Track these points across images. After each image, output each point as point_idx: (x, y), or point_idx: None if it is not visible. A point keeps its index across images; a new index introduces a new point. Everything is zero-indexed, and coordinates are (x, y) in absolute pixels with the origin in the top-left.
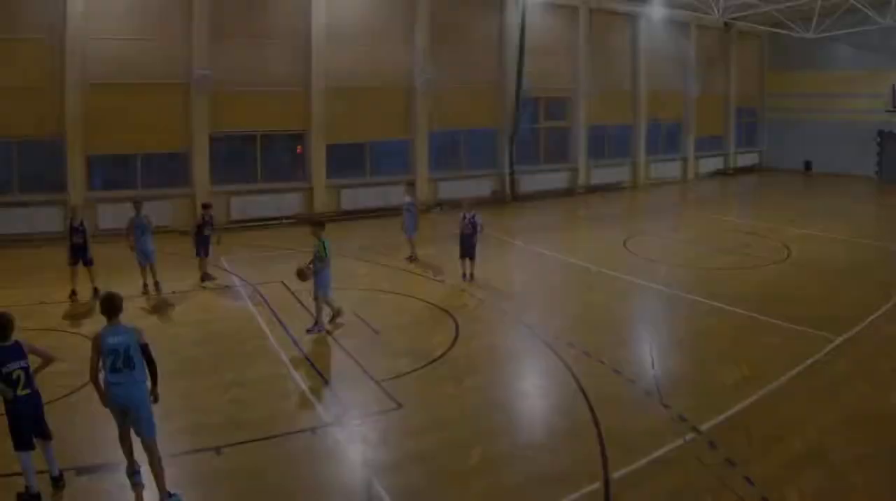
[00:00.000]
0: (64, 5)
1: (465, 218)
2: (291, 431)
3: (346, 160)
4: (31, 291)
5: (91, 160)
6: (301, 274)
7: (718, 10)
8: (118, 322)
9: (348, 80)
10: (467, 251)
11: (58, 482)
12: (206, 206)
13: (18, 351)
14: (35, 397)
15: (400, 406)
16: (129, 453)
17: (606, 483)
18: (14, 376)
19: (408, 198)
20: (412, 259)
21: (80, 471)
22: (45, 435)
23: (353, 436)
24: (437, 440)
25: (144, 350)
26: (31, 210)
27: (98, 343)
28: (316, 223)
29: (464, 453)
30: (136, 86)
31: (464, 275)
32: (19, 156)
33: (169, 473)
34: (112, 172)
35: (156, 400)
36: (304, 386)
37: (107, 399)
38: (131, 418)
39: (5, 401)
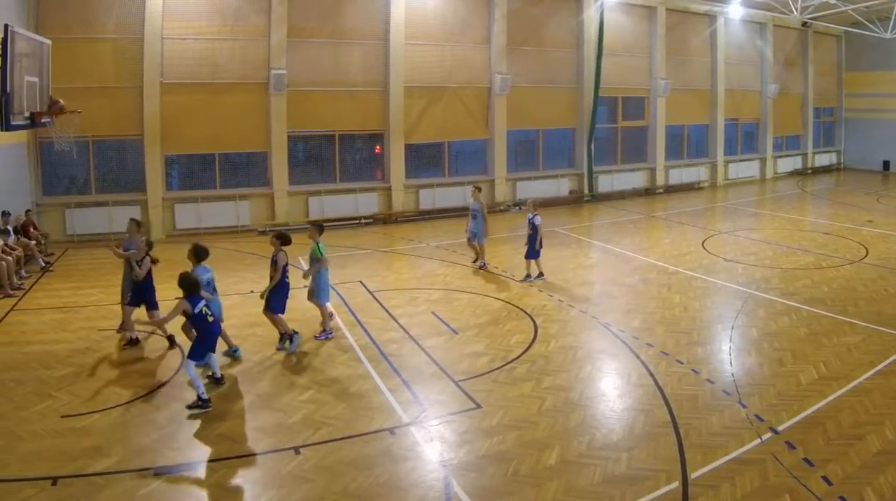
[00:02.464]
0: (142, 6)
1: (528, 219)
2: (370, 431)
3: (424, 160)
4: (110, 291)
5: (168, 160)
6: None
7: (797, 10)
8: (202, 265)
9: (426, 80)
10: (528, 251)
11: (219, 381)
12: (280, 238)
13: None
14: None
15: (478, 406)
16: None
17: (685, 483)
18: (203, 311)
19: (474, 203)
20: (481, 266)
21: (158, 471)
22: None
23: (432, 436)
24: (515, 440)
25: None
26: (108, 209)
27: (199, 280)
28: (313, 225)
29: (541, 453)
30: (214, 85)
31: (527, 276)
32: (97, 156)
33: (248, 472)
34: (190, 172)
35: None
36: (383, 386)
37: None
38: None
39: (204, 323)
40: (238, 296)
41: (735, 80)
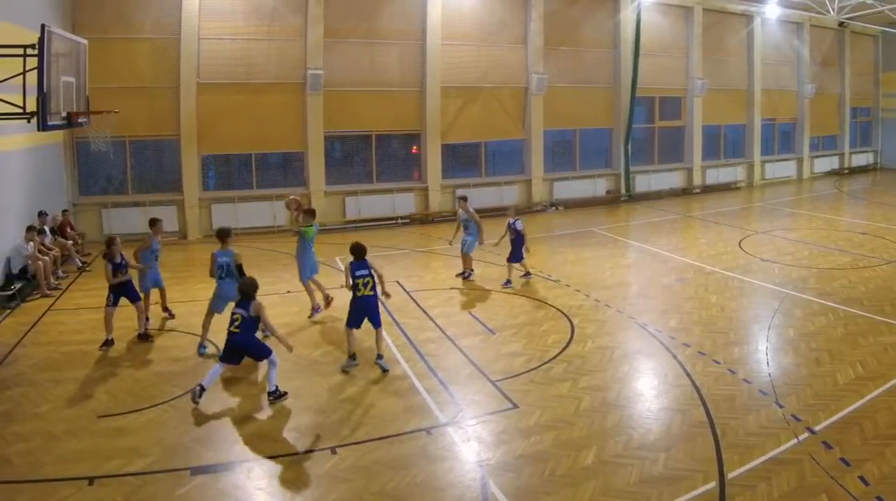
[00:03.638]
0: (179, 6)
1: (509, 224)
2: (407, 431)
3: (461, 160)
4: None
5: (205, 160)
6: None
7: (833, 10)
8: (227, 247)
9: (463, 80)
10: (512, 255)
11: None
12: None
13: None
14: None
15: (515, 406)
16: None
17: (721, 483)
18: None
19: (462, 213)
20: (466, 276)
21: (195, 471)
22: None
23: (469, 436)
24: (552, 440)
25: (239, 268)
26: (145, 209)
27: (214, 258)
28: (307, 211)
29: (578, 453)
30: (251, 85)
31: (507, 281)
32: (134, 156)
33: (285, 472)
34: (226, 172)
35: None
36: (419, 386)
37: (217, 288)
38: (227, 301)
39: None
40: (276, 296)
41: (772, 80)
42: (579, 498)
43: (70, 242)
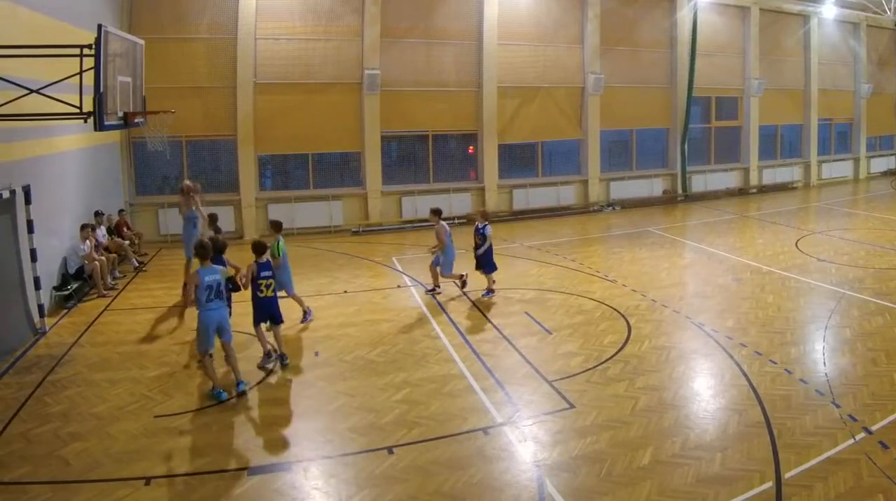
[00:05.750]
0: (236, 5)
1: (477, 229)
2: (463, 431)
3: (517, 160)
4: None
5: (261, 160)
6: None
7: (890, 10)
8: (209, 264)
9: (519, 80)
10: (480, 264)
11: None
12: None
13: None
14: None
15: (572, 406)
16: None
17: (778, 483)
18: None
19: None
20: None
21: (252, 471)
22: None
23: (525, 436)
24: (609, 440)
25: (230, 280)
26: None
27: (197, 280)
28: (273, 223)
29: (635, 453)
30: (307, 85)
31: (489, 291)
32: (190, 156)
33: (342, 472)
34: (283, 172)
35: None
36: (476, 386)
37: (205, 318)
38: (221, 330)
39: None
40: (331, 297)
41: (828, 80)
42: (636, 498)
43: (126, 242)
